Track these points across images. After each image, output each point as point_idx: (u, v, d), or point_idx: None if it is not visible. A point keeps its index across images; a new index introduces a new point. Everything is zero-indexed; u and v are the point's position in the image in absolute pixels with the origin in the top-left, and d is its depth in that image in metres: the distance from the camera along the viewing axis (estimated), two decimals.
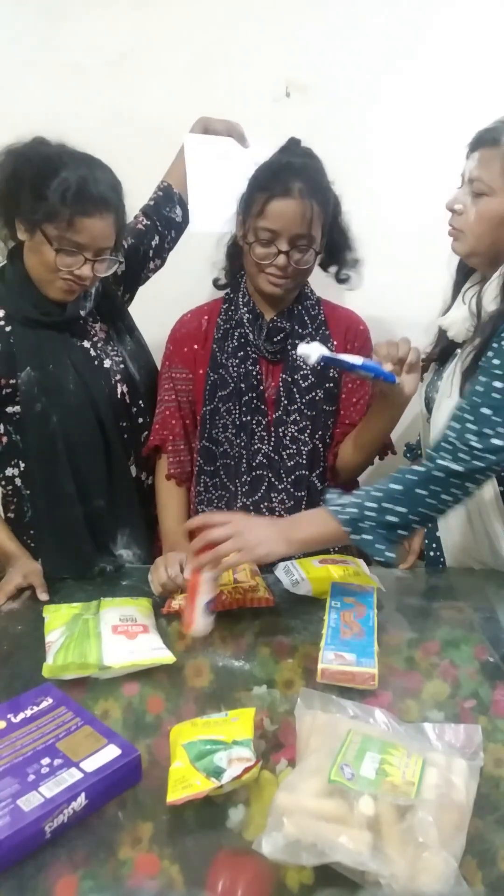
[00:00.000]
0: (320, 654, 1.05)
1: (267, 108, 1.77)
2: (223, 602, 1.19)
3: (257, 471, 1.42)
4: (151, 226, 1.55)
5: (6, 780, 0.81)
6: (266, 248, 1.31)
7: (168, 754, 0.88)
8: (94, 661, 1.04)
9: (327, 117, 1.78)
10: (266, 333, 1.40)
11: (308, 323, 1.42)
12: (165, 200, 1.57)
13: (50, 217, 1.22)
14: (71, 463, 1.36)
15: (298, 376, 1.41)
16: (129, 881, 0.74)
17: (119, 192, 1.29)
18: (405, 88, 1.76)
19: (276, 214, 1.28)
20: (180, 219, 1.58)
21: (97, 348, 1.42)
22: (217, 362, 1.43)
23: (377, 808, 0.74)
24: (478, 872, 0.74)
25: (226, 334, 1.43)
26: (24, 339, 1.33)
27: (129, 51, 1.75)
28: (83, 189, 1.22)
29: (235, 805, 0.82)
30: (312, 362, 1.19)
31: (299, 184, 1.28)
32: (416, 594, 1.32)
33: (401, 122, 1.78)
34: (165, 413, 1.47)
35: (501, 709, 0.99)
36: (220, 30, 1.73)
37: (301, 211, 1.28)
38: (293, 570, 1.34)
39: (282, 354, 1.42)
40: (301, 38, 1.74)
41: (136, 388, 1.47)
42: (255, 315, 1.41)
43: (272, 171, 1.31)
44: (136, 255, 1.52)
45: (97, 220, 1.24)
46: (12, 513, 1.47)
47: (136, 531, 1.47)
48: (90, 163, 1.27)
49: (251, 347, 1.41)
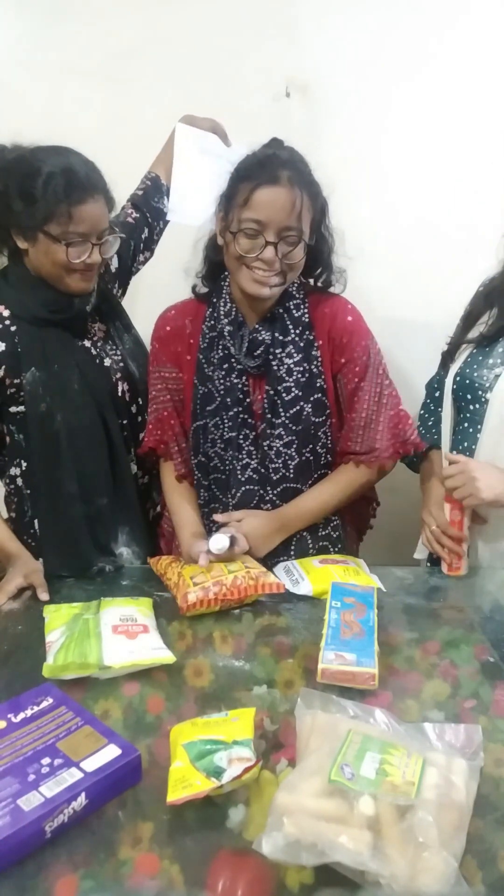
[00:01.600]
0: (320, 654, 1.05)
1: (267, 108, 1.76)
2: (238, 588, 1.20)
3: (246, 485, 1.39)
4: (141, 218, 1.55)
5: (6, 779, 0.81)
6: (252, 240, 1.22)
7: (168, 754, 0.88)
8: (94, 660, 1.04)
9: (327, 117, 1.78)
10: (247, 348, 1.34)
11: (290, 329, 1.34)
12: (154, 191, 1.58)
13: (49, 217, 1.23)
14: (74, 462, 1.37)
15: (282, 388, 1.34)
16: (129, 881, 0.74)
17: (96, 168, 1.29)
18: (405, 88, 1.76)
19: (262, 203, 1.20)
20: (167, 210, 1.59)
21: (97, 347, 1.42)
22: (204, 374, 1.38)
23: (377, 808, 0.74)
24: (478, 872, 0.74)
25: (211, 344, 1.38)
26: (29, 338, 1.33)
27: (128, 51, 1.75)
28: (70, 178, 1.22)
29: (235, 805, 0.82)
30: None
31: (287, 172, 1.20)
32: (416, 594, 1.32)
33: (401, 121, 1.78)
34: (163, 413, 1.44)
35: (501, 709, 0.99)
36: (221, 30, 1.73)
37: (290, 200, 1.20)
38: (293, 569, 1.34)
39: (265, 367, 1.35)
40: (301, 38, 1.74)
41: (136, 386, 1.47)
42: (236, 325, 1.34)
43: (257, 161, 1.24)
44: (127, 249, 1.52)
45: (92, 205, 1.24)
46: (13, 512, 1.47)
47: (135, 529, 1.47)
48: (61, 151, 1.26)
49: (234, 360, 1.35)
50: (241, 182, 1.23)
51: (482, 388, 1.38)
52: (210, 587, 1.20)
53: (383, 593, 1.28)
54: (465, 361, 1.42)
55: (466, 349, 1.44)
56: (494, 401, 1.36)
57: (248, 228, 1.22)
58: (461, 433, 1.43)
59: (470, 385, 1.40)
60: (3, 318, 1.32)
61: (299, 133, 1.62)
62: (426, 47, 1.73)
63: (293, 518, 1.40)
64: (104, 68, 1.75)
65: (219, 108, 1.74)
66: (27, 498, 1.43)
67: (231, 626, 1.19)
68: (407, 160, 1.80)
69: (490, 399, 1.36)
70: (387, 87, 1.76)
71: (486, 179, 1.79)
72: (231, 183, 1.27)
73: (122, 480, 1.44)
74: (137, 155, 1.63)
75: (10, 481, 1.44)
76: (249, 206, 1.21)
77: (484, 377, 1.38)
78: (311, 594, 1.27)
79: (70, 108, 1.75)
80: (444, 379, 1.48)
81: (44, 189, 1.21)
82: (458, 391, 1.42)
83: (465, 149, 1.79)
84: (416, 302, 1.84)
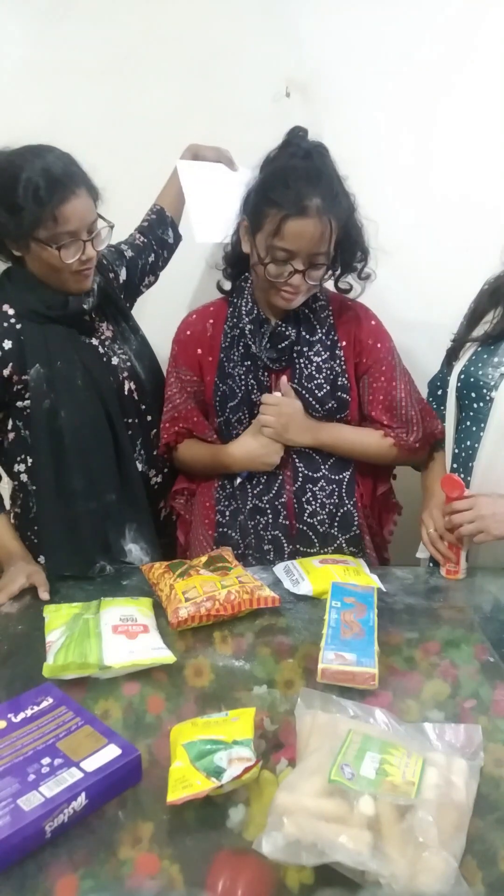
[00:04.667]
0: (320, 653, 1.05)
1: (267, 107, 1.76)
2: (232, 603, 1.19)
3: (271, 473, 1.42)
4: (148, 243, 1.60)
5: (6, 779, 0.81)
6: (281, 268, 1.27)
7: (168, 754, 0.88)
8: (94, 660, 1.04)
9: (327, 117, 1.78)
10: (269, 339, 1.37)
11: (317, 328, 1.40)
12: (159, 223, 1.63)
13: (35, 224, 1.22)
14: (79, 458, 1.37)
15: (313, 385, 1.39)
16: (129, 881, 0.74)
17: (73, 161, 1.28)
18: (405, 88, 1.76)
19: (293, 235, 1.22)
20: (172, 240, 1.65)
21: (105, 346, 1.44)
22: (225, 372, 1.41)
23: (377, 808, 0.74)
24: (478, 872, 0.74)
25: (233, 343, 1.41)
26: (33, 336, 1.34)
27: (129, 51, 1.74)
28: (50, 179, 1.21)
29: (235, 805, 0.82)
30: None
31: (316, 200, 1.21)
32: (416, 594, 1.32)
33: (401, 121, 1.78)
34: (188, 407, 1.45)
35: (501, 709, 0.99)
36: (221, 29, 1.73)
37: (320, 231, 1.23)
38: (293, 569, 1.34)
39: (287, 362, 1.39)
40: (301, 38, 1.73)
41: (143, 386, 1.48)
42: (258, 322, 1.39)
43: (283, 180, 1.23)
44: (135, 266, 1.56)
45: (76, 201, 1.24)
46: (18, 507, 1.48)
47: (143, 526, 1.47)
48: (36, 152, 1.25)
49: (257, 357, 1.39)
50: (268, 206, 1.24)
51: (487, 386, 1.38)
52: (202, 602, 1.17)
53: (383, 593, 1.28)
54: (470, 360, 1.42)
55: (471, 347, 1.44)
56: (500, 399, 1.36)
57: (280, 258, 1.26)
58: (464, 431, 1.43)
59: (475, 383, 1.40)
60: (9, 317, 1.33)
61: None
62: (426, 47, 1.73)
63: (328, 430, 1.42)
64: (104, 68, 1.75)
65: (219, 108, 1.75)
66: (32, 494, 1.43)
67: (231, 627, 1.19)
68: (407, 160, 1.80)
69: (495, 398, 1.37)
70: (387, 87, 1.76)
71: (489, 178, 1.78)
72: (258, 201, 1.27)
73: (128, 477, 1.45)
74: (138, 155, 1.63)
75: (16, 477, 1.45)
76: (280, 236, 1.24)
77: (489, 375, 1.38)
78: (311, 594, 1.27)
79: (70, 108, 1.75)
80: (448, 377, 1.48)
81: (24, 196, 1.20)
82: (463, 389, 1.42)
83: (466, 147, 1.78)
84: (418, 301, 1.84)
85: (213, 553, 1.38)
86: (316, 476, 1.42)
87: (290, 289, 1.29)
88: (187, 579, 1.24)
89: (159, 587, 1.28)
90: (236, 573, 1.27)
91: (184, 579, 1.24)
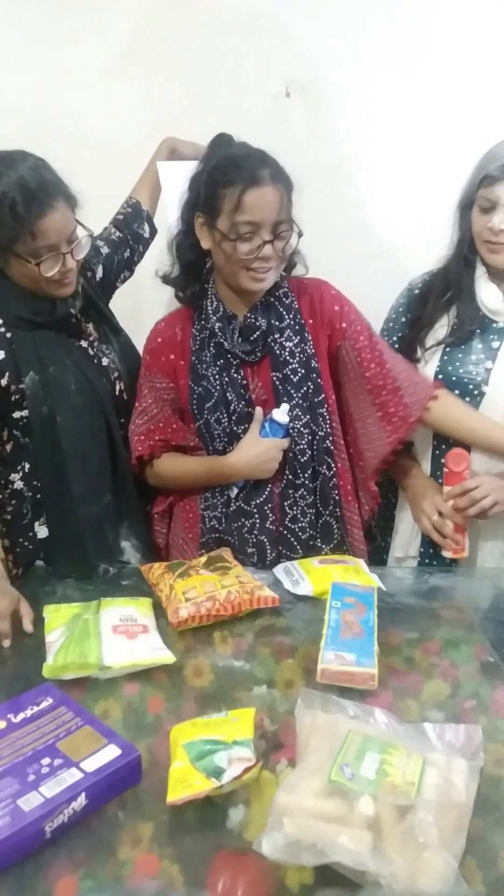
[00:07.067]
0: (320, 654, 1.05)
1: (267, 107, 1.76)
2: (232, 603, 1.19)
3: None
4: (124, 238, 1.58)
5: (6, 780, 0.81)
6: (250, 243, 1.26)
7: (168, 754, 0.88)
8: (94, 661, 1.04)
9: (327, 117, 1.78)
10: (240, 333, 1.37)
11: (284, 314, 1.38)
12: (134, 217, 1.60)
13: (13, 239, 1.21)
14: (78, 462, 1.37)
15: (288, 371, 1.38)
16: (129, 881, 0.74)
17: (49, 169, 1.26)
18: (405, 88, 1.76)
19: (253, 206, 1.23)
20: (147, 235, 1.62)
21: (94, 347, 1.43)
22: (198, 374, 1.40)
23: (377, 808, 0.74)
24: (478, 872, 0.74)
25: (203, 344, 1.40)
26: (23, 343, 1.32)
27: (129, 51, 1.75)
28: (26, 193, 1.18)
29: (235, 805, 0.82)
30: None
31: (266, 169, 1.24)
32: (416, 594, 1.32)
33: (401, 121, 1.78)
34: (165, 415, 1.43)
35: (501, 709, 0.99)
36: (221, 29, 1.73)
37: (276, 196, 1.25)
38: (293, 570, 1.34)
39: (263, 352, 1.38)
40: (301, 38, 1.74)
41: (131, 386, 1.48)
42: (226, 319, 1.37)
43: (232, 163, 1.26)
44: (111, 263, 1.54)
45: (54, 214, 1.22)
46: (8, 515, 1.46)
47: (134, 523, 1.47)
48: (8, 163, 1.22)
49: (229, 355, 1.38)
50: (222, 187, 1.25)
51: (473, 382, 1.40)
52: (202, 602, 1.17)
53: (383, 593, 1.28)
54: (443, 360, 1.43)
55: (437, 350, 1.44)
56: (494, 393, 1.38)
57: (245, 232, 1.25)
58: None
59: (458, 381, 1.42)
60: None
61: (299, 133, 1.63)
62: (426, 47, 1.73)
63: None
64: (104, 68, 1.75)
65: (219, 108, 1.74)
66: (28, 500, 1.43)
67: (231, 627, 1.19)
68: (407, 160, 1.80)
69: (487, 391, 1.39)
70: (387, 87, 1.76)
71: None
72: (208, 189, 1.28)
73: (123, 476, 1.45)
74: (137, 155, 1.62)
75: (8, 485, 1.43)
76: (241, 210, 1.24)
77: (472, 372, 1.41)
78: (311, 594, 1.27)
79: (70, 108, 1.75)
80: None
81: (0, 212, 1.18)
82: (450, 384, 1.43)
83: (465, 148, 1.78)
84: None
85: (213, 553, 1.38)
86: (297, 483, 1.41)
87: (260, 265, 1.28)
88: (187, 579, 1.24)
89: (159, 587, 1.28)
90: (236, 573, 1.27)
91: (184, 579, 1.24)
